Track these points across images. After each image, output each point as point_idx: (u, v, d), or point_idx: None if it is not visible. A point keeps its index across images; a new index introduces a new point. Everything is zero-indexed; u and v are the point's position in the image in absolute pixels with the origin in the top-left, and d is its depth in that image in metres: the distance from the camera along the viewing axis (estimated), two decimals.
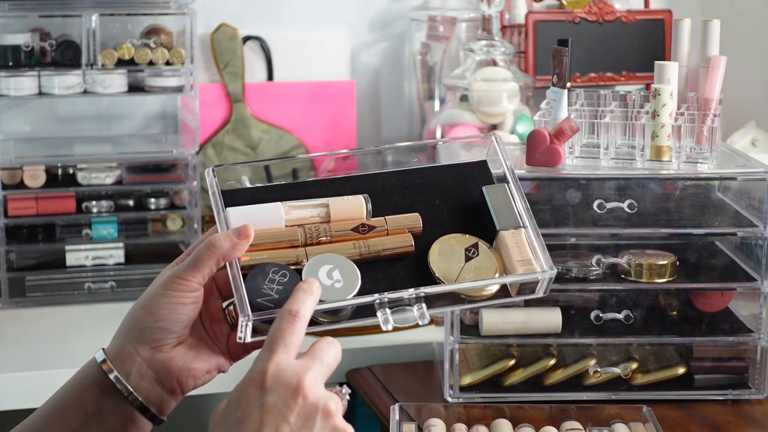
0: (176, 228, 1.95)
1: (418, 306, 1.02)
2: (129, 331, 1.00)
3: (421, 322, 1.01)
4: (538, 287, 1.04)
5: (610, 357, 1.56)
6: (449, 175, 1.13)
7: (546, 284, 1.03)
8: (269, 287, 1.00)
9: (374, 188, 1.10)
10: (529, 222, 1.06)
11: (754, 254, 1.53)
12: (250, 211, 1.06)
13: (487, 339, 1.53)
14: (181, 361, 1.00)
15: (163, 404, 1.01)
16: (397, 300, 1.01)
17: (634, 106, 1.57)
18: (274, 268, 1.01)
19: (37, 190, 1.86)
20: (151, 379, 1.00)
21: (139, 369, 0.99)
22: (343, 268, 1.03)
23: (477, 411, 1.48)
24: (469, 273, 1.03)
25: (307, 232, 1.05)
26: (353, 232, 1.05)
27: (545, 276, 1.02)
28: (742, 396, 1.54)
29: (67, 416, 1.00)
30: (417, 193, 1.11)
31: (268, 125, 2.09)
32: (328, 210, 1.07)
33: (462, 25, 2.06)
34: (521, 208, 1.08)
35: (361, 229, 1.05)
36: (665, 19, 2.05)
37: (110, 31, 1.91)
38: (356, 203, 1.07)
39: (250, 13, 2.13)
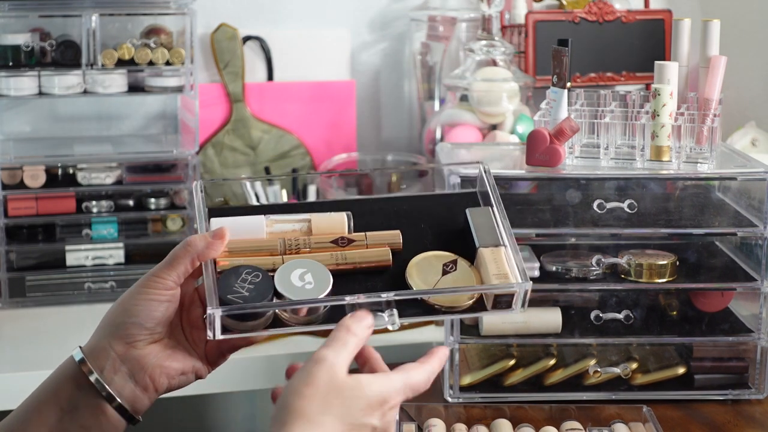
0: (176, 228, 1.95)
1: (389, 312, 1.02)
2: (105, 328, 1.04)
3: (391, 327, 1.02)
4: (514, 301, 1.04)
5: (610, 357, 1.56)
6: (438, 203, 1.14)
7: (522, 298, 1.04)
8: (240, 286, 1.03)
9: (361, 212, 1.11)
10: (509, 241, 1.07)
11: (754, 254, 1.53)
12: (233, 221, 1.09)
13: (487, 339, 1.53)
14: (155, 359, 1.03)
15: (136, 401, 1.03)
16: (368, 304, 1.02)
17: (634, 106, 1.57)
18: (247, 269, 1.04)
19: (37, 190, 1.87)
20: (124, 374, 1.02)
21: (113, 364, 1.02)
22: (315, 272, 1.04)
23: (477, 411, 1.48)
24: (445, 285, 1.05)
25: (287, 243, 1.07)
26: (333, 245, 1.07)
27: (520, 288, 1.03)
28: (742, 396, 1.54)
29: (44, 412, 1.02)
30: (403, 217, 1.12)
31: (268, 125, 2.09)
32: (310, 225, 1.09)
33: (462, 25, 2.06)
34: (503, 229, 1.08)
35: (340, 242, 1.07)
36: (665, 19, 2.05)
37: (110, 31, 1.91)
38: (338, 219, 1.09)
39: (250, 13, 2.13)
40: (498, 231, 1.08)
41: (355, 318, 1.01)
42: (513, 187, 1.70)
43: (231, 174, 2.06)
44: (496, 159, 1.67)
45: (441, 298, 1.03)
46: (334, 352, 0.97)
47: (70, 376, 1.03)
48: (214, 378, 1.64)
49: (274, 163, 2.07)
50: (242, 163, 2.07)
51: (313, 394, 0.95)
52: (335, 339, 0.98)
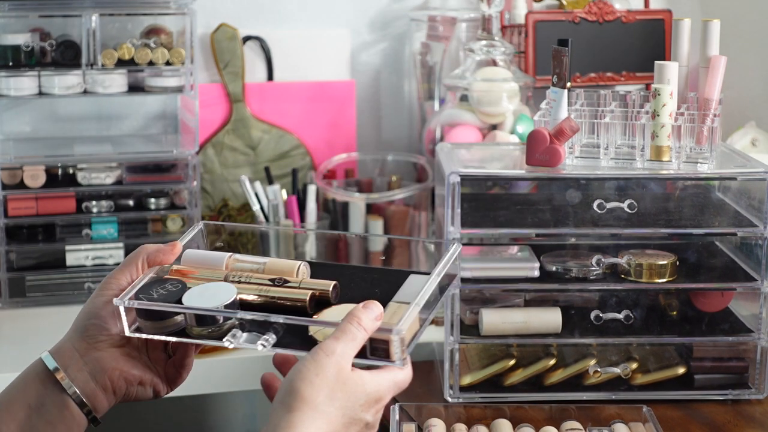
0: (176, 228, 1.95)
1: (267, 338, 1.06)
2: (71, 330, 1.11)
3: (258, 348, 1.06)
4: (391, 351, 1.04)
5: (610, 357, 1.56)
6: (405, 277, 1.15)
7: (396, 346, 1.04)
8: (157, 291, 1.10)
9: (333, 275, 1.14)
10: (422, 303, 1.07)
11: (754, 254, 1.53)
12: (202, 253, 1.18)
13: (487, 339, 1.53)
14: (115, 362, 1.09)
15: (96, 400, 1.08)
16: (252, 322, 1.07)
17: (634, 106, 1.57)
18: (173, 282, 1.12)
19: (37, 190, 1.87)
20: (86, 374, 1.08)
21: (77, 363, 1.08)
22: (225, 293, 1.09)
23: (477, 411, 1.48)
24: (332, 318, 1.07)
25: (232, 274, 1.13)
26: (269, 282, 1.12)
27: (391, 334, 1.02)
28: (742, 396, 1.54)
29: (13, 409, 1.08)
30: (367, 283, 1.15)
31: (268, 125, 2.09)
32: (265, 266, 1.15)
33: (462, 25, 2.06)
34: (424, 294, 1.08)
35: (276, 281, 1.12)
36: (665, 19, 2.05)
37: (110, 31, 1.91)
38: (289, 265, 1.14)
39: (250, 13, 2.13)
40: (418, 293, 1.08)
41: (366, 309, 1.04)
42: (513, 187, 1.70)
43: (230, 173, 2.06)
44: (496, 159, 1.67)
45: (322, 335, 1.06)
46: (343, 345, 1.01)
47: (37, 374, 1.09)
48: (214, 378, 1.65)
49: (274, 163, 2.07)
50: (242, 163, 2.07)
51: (321, 384, 1.00)
52: (345, 331, 1.02)
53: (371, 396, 1.04)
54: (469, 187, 1.62)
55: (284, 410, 1.00)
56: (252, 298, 1.11)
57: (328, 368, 1.00)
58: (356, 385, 1.02)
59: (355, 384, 1.02)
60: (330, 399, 1.00)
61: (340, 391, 1.01)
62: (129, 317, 1.10)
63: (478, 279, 1.52)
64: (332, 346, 1.01)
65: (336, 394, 1.01)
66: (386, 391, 1.05)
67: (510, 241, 1.66)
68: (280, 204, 1.91)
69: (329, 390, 1.00)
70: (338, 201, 1.96)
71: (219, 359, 1.64)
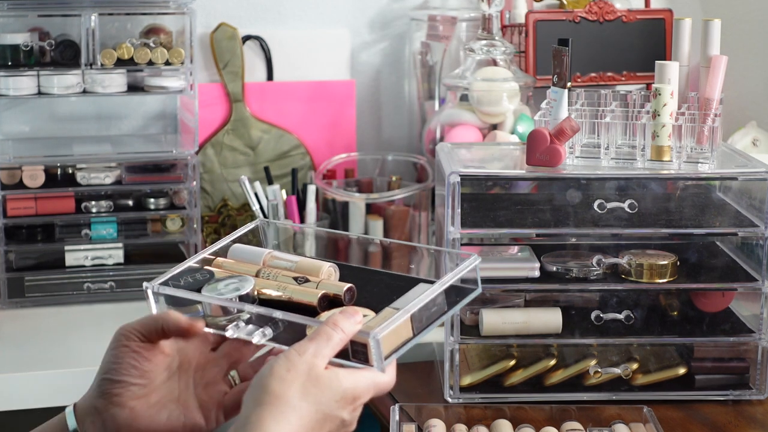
0: (176, 228, 1.95)
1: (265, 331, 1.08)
2: (94, 381, 1.07)
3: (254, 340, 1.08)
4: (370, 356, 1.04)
5: (610, 357, 1.55)
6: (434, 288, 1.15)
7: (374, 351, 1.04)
8: (185, 278, 1.14)
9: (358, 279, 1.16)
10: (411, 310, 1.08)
11: (754, 254, 1.53)
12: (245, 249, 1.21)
13: (488, 339, 1.53)
14: (131, 419, 1.04)
15: None
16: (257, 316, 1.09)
17: (635, 105, 1.57)
18: (203, 271, 1.16)
19: (37, 190, 1.86)
20: (99, 428, 1.05)
21: (93, 420, 1.05)
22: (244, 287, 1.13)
23: (477, 411, 1.48)
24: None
25: (265, 271, 1.17)
26: (293, 279, 1.15)
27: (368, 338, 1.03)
28: (743, 396, 1.53)
29: None
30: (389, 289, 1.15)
31: (268, 125, 2.09)
32: (296, 265, 1.18)
33: (462, 25, 2.06)
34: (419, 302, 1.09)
35: (299, 279, 1.15)
36: (666, 18, 2.05)
37: (109, 31, 1.91)
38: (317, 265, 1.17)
39: (249, 13, 2.13)
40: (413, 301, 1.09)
41: (344, 314, 1.04)
42: (513, 187, 1.70)
43: (230, 173, 2.06)
44: (496, 159, 1.67)
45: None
46: (316, 344, 1.01)
47: (58, 425, 1.07)
48: None
49: (273, 163, 2.07)
50: (242, 163, 2.07)
51: (292, 379, 0.99)
52: (320, 332, 1.02)
53: (348, 393, 1.02)
54: (470, 187, 1.62)
55: (254, 404, 0.98)
56: (271, 293, 1.13)
57: (299, 365, 1.00)
58: (330, 382, 1.01)
59: (330, 380, 1.01)
60: (302, 394, 0.99)
61: (312, 387, 1.00)
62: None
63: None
64: (305, 346, 1.02)
65: (309, 390, 1.00)
66: (364, 391, 1.04)
67: (510, 241, 1.66)
68: (279, 204, 1.91)
69: (300, 385, 1.00)
70: (338, 201, 1.96)
71: None
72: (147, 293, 1.12)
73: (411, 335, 1.09)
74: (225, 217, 2.06)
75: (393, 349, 1.07)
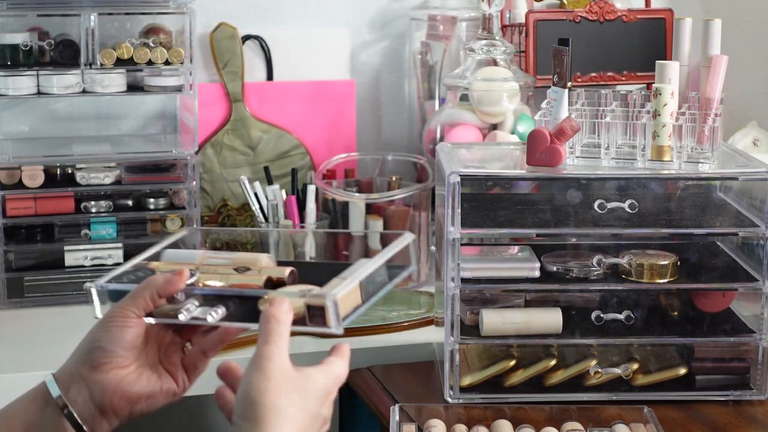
0: (175, 228, 1.95)
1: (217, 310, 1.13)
2: (76, 353, 1.12)
3: (208, 320, 1.12)
4: (327, 318, 1.09)
5: (610, 357, 1.55)
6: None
7: (332, 312, 1.08)
8: (128, 277, 1.20)
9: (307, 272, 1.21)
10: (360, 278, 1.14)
11: (755, 254, 1.53)
12: (178, 252, 1.26)
13: (488, 339, 1.53)
14: (116, 385, 1.10)
15: (96, 423, 1.10)
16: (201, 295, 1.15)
17: (635, 105, 1.57)
18: (144, 269, 1.21)
19: (36, 190, 1.86)
20: (87, 397, 1.09)
21: (78, 387, 1.09)
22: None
23: (477, 412, 1.47)
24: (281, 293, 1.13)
25: (203, 268, 1.21)
26: (234, 271, 1.20)
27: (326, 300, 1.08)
28: (744, 397, 1.53)
29: (12, 425, 1.10)
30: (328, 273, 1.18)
31: (268, 125, 2.09)
32: (233, 260, 1.23)
33: (462, 25, 2.06)
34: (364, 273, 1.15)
35: (239, 269, 1.20)
36: (666, 18, 2.05)
37: (109, 31, 1.91)
38: (255, 257, 1.22)
39: (249, 13, 2.13)
40: (357, 272, 1.15)
41: (275, 306, 1.06)
42: (513, 187, 1.69)
43: (230, 173, 2.06)
44: (496, 159, 1.66)
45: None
46: (275, 347, 1.03)
47: (38, 394, 1.11)
48: (214, 378, 1.64)
49: (273, 163, 2.06)
50: (242, 163, 2.06)
51: (276, 388, 1.02)
52: (270, 333, 1.04)
53: (323, 390, 1.06)
54: (470, 187, 1.61)
55: (250, 423, 1.01)
56: (215, 283, 1.17)
57: (273, 371, 1.02)
58: (306, 381, 1.04)
59: (305, 380, 1.04)
60: (288, 400, 1.02)
61: (293, 391, 1.03)
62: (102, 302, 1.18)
63: (479, 279, 1.52)
64: (267, 351, 1.03)
65: (290, 395, 1.02)
66: (333, 385, 1.08)
67: (510, 241, 1.66)
68: (279, 204, 1.91)
69: (284, 392, 1.02)
70: (338, 201, 1.96)
71: (219, 359, 1.63)
72: (91, 293, 1.17)
73: (360, 302, 1.13)
74: (225, 217, 2.06)
75: (346, 314, 1.11)
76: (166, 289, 1.13)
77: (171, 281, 1.14)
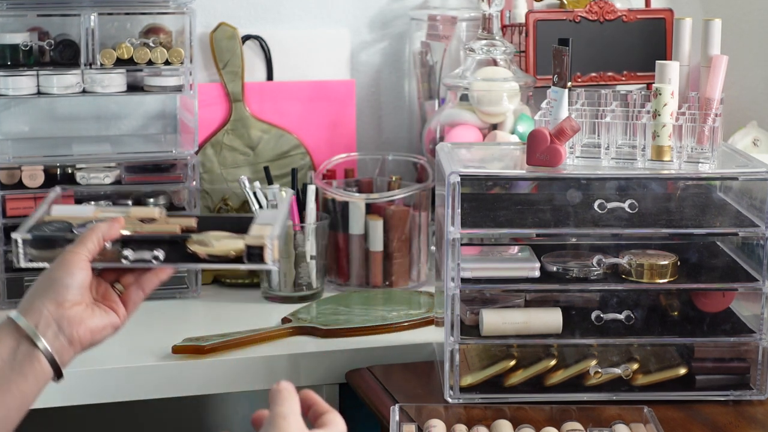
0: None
1: (157, 254, 1.30)
2: (36, 293, 1.25)
3: (153, 264, 1.30)
4: (265, 256, 1.28)
5: (610, 357, 1.55)
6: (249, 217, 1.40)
7: (269, 251, 1.28)
8: (48, 228, 1.34)
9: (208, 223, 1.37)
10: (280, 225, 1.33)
11: (755, 254, 1.53)
12: (68, 208, 1.41)
13: (488, 339, 1.53)
14: (79, 318, 1.25)
15: (63, 353, 1.24)
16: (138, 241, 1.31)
17: (635, 105, 1.57)
18: (58, 222, 1.36)
19: (36, 190, 1.86)
20: (54, 330, 1.23)
21: (45, 321, 1.23)
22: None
23: (477, 412, 1.47)
24: (207, 237, 1.31)
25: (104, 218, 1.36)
26: (139, 222, 1.36)
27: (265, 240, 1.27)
28: (744, 397, 1.53)
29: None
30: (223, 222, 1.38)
31: (268, 125, 2.09)
32: (129, 213, 1.38)
33: (462, 25, 2.06)
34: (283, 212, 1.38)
35: (144, 220, 1.36)
36: (666, 18, 2.05)
37: (109, 31, 1.91)
38: (151, 210, 1.39)
39: (249, 13, 2.13)
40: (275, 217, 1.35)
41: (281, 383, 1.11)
42: (513, 187, 1.70)
43: (230, 173, 2.06)
44: (496, 159, 1.66)
45: (202, 249, 1.31)
46: (289, 407, 1.10)
47: (10, 331, 1.23)
48: (214, 378, 1.64)
49: (273, 163, 2.06)
50: (242, 163, 2.06)
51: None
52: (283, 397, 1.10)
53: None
54: (470, 187, 1.61)
55: None
56: (128, 233, 1.31)
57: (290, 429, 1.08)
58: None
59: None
60: None
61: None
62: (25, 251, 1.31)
63: (479, 279, 1.52)
64: (282, 411, 1.09)
65: None
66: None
67: (510, 241, 1.66)
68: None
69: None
70: (338, 201, 1.96)
71: (219, 359, 1.64)
72: (17, 242, 1.30)
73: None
74: None
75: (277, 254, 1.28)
76: (110, 234, 1.29)
77: (113, 227, 1.30)
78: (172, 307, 1.87)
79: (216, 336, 1.66)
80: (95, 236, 1.29)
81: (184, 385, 1.63)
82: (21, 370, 1.21)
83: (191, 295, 1.91)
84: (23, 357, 1.22)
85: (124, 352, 1.64)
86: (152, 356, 1.63)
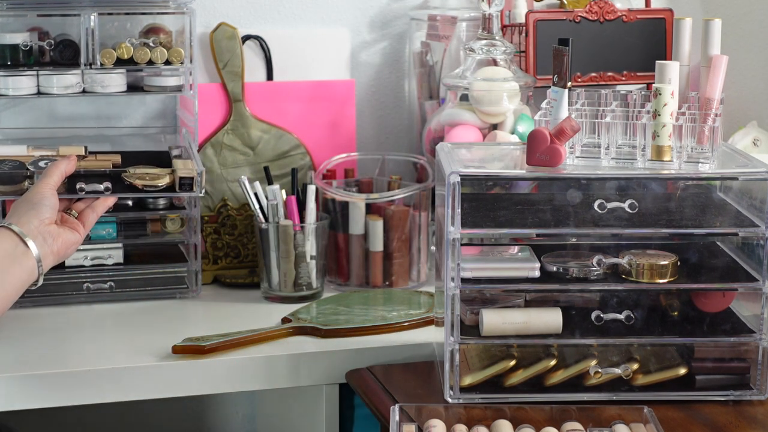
0: (175, 228, 1.95)
1: (107, 184, 1.71)
2: (21, 212, 1.59)
3: (107, 194, 1.71)
4: (195, 184, 1.74)
5: (610, 357, 1.55)
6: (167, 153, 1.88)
7: (199, 180, 1.74)
8: (5, 166, 1.73)
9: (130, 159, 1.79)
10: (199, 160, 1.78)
11: (755, 254, 1.53)
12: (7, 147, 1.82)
13: (488, 339, 1.53)
14: (56, 232, 1.60)
15: (46, 259, 1.58)
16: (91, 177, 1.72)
17: (635, 105, 1.57)
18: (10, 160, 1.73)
19: None
20: (40, 240, 1.57)
21: (32, 232, 1.57)
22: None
23: (477, 412, 1.47)
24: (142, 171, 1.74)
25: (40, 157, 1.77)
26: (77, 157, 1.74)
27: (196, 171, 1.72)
28: (744, 397, 1.53)
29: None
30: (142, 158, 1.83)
31: (268, 125, 2.09)
32: (59, 150, 1.77)
33: (462, 25, 2.06)
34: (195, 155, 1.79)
35: (80, 157, 1.75)
36: (666, 18, 2.05)
37: (109, 31, 1.91)
38: (77, 148, 1.79)
39: (249, 13, 2.13)
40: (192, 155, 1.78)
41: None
42: (513, 187, 1.70)
43: (230, 173, 2.06)
44: (496, 159, 1.66)
45: (139, 181, 1.73)
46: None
47: (9, 234, 1.55)
48: (214, 378, 1.64)
49: (273, 163, 2.06)
50: (241, 163, 2.06)
51: None
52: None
53: None
54: (470, 187, 1.61)
55: None
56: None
57: None
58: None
59: None
60: None
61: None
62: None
63: (479, 279, 1.52)
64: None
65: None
66: None
67: (510, 241, 1.66)
68: (279, 204, 1.91)
69: None
70: (338, 201, 1.96)
71: (219, 359, 1.64)
72: None
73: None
74: (224, 217, 2.05)
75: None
76: (69, 169, 1.67)
77: (71, 163, 1.68)
78: (172, 307, 1.87)
79: (216, 336, 1.66)
80: (58, 170, 1.65)
81: (184, 385, 1.63)
82: (20, 263, 1.55)
83: (191, 295, 1.91)
84: (21, 253, 1.55)
85: (124, 352, 1.64)
86: (152, 356, 1.63)
